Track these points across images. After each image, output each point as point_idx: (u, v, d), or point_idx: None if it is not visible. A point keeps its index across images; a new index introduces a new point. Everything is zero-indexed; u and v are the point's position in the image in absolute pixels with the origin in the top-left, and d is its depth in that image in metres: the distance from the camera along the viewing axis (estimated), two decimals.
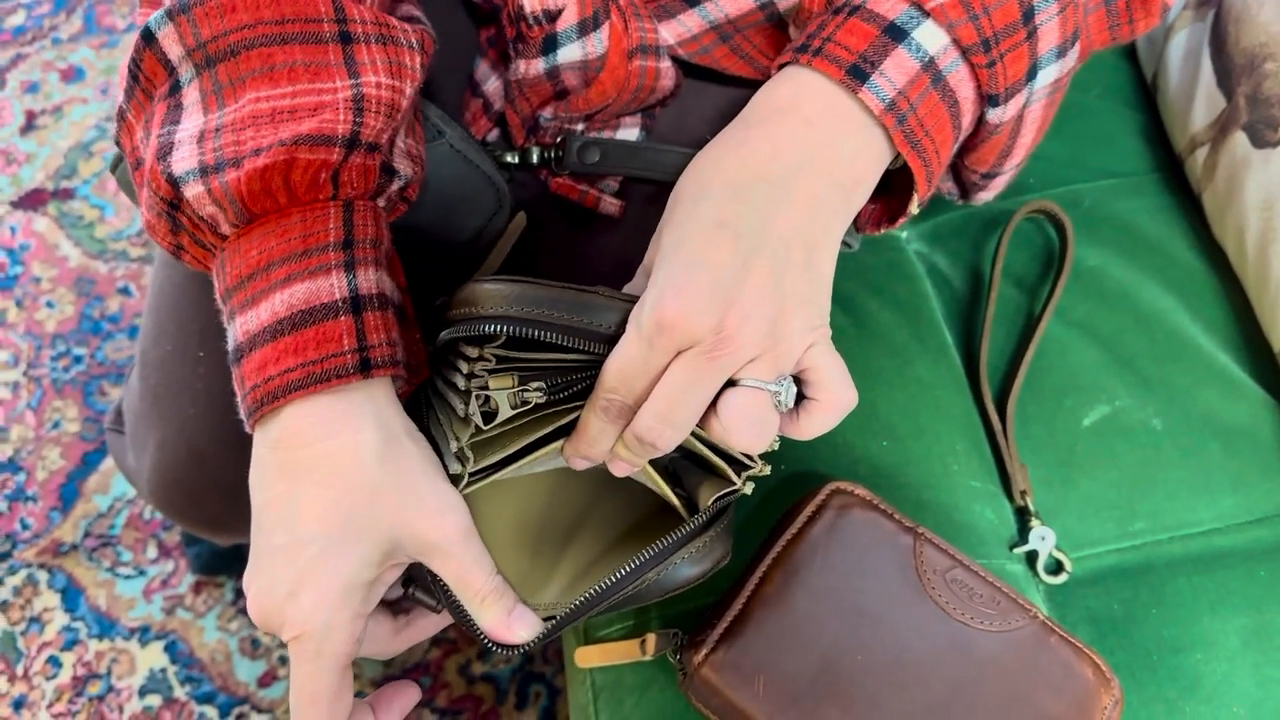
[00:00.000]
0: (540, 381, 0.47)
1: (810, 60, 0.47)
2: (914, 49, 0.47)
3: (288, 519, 0.45)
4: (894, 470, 0.67)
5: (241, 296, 0.45)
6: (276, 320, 0.44)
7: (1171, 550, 0.67)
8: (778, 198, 0.45)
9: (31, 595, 1.09)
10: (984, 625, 0.57)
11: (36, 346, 1.22)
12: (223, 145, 0.45)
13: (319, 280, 0.45)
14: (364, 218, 0.47)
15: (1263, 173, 0.68)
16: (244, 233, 0.46)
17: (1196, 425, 0.70)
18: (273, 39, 0.46)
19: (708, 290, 0.43)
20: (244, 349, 0.45)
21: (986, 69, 0.48)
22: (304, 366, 0.44)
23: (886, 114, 0.46)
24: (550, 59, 0.56)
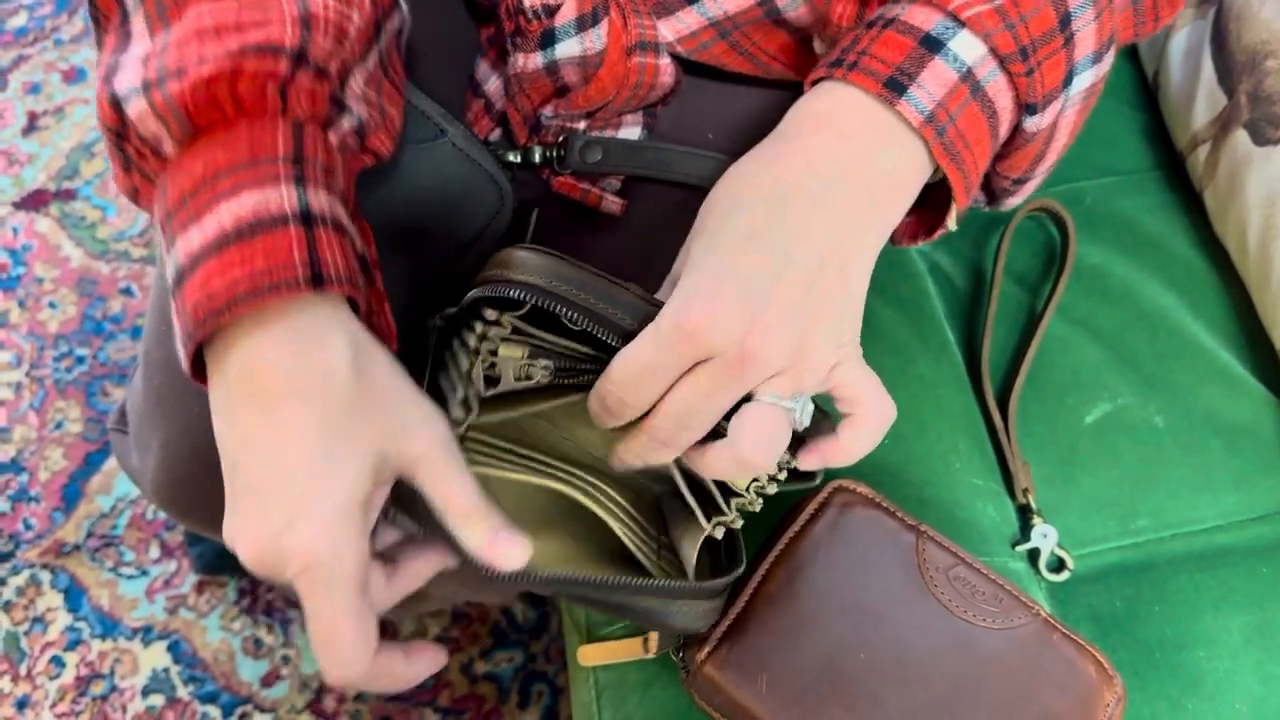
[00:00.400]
0: (549, 361, 0.47)
1: (845, 74, 0.47)
2: (951, 59, 0.46)
3: (266, 451, 0.42)
4: (896, 468, 0.67)
5: (184, 215, 0.42)
6: (223, 233, 0.41)
7: (1174, 547, 0.67)
8: (812, 211, 0.45)
9: (35, 595, 1.09)
10: (986, 623, 0.57)
11: (39, 347, 1.22)
12: (166, 61, 0.43)
13: (267, 190, 0.42)
14: (314, 140, 0.45)
15: (1264, 170, 0.68)
16: (187, 148, 0.43)
17: (1198, 423, 0.70)
18: None
19: (735, 301, 0.43)
20: (185, 271, 0.41)
21: (1025, 77, 0.47)
22: (251, 277, 0.40)
23: (926, 126, 0.46)
24: (548, 54, 0.56)
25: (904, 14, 0.48)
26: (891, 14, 0.48)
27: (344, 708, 1.05)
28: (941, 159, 0.46)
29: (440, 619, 1.09)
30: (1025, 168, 0.54)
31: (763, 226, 0.44)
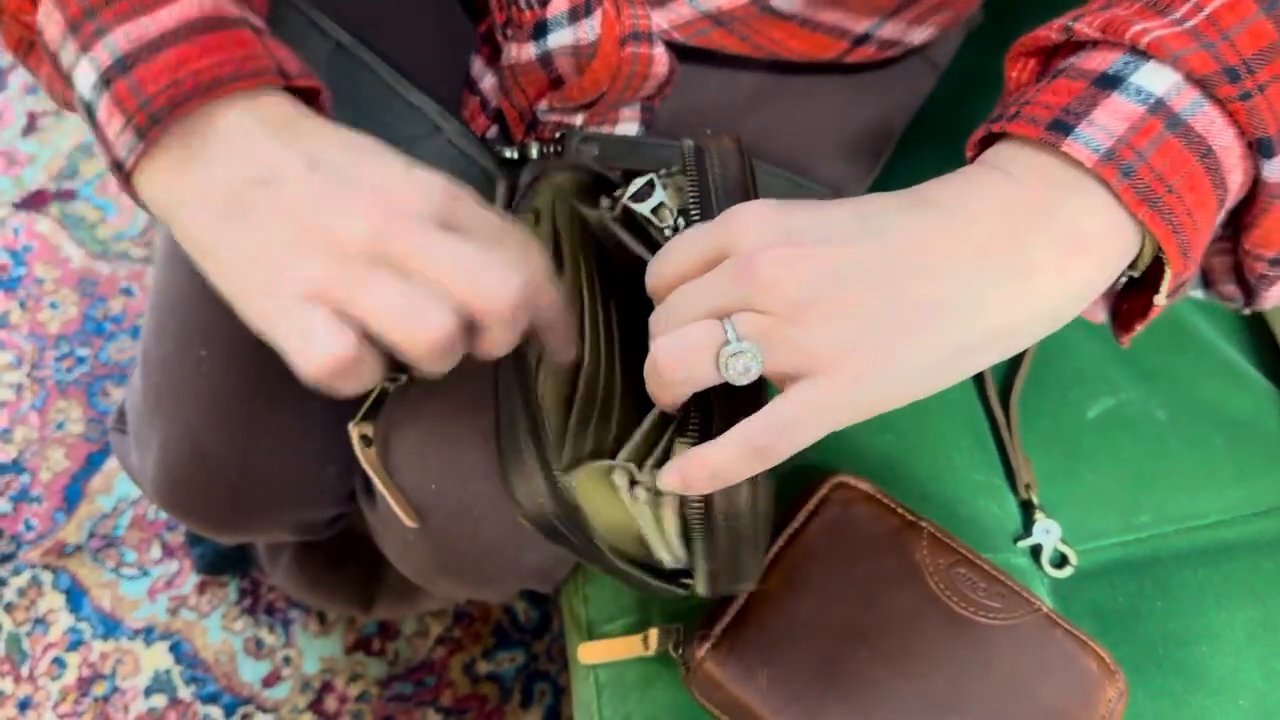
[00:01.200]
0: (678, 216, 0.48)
1: (1004, 125, 0.39)
2: (1133, 93, 0.38)
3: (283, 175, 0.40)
4: (898, 464, 0.66)
5: (125, 5, 0.41)
6: (190, 20, 0.40)
7: (1176, 543, 0.66)
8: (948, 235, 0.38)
9: (36, 596, 1.09)
10: (988, 618, 0.57)
11: (40, 348, 1.22)
12: None
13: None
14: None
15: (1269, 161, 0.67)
16: None
17: (1201, 417, 0.70)
18: None
19: (786, 224, 0.38)
20: (142, 52, 0.40)
21: (1240, 102, 0.37)
22: (233, 61, 0.40)
23: (1104, 165, 0.37)
24: (541, 44, 0.56)
25: (1080, 60, 0.40)
26: (1067, 63, 0.41)
27: (346, 708, 1.05)
28: (1135, 206, 0.37)
29: (442, 619, 1.09)
30: None
31: (900, 218, 0.38)
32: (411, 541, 0.65)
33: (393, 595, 0.96)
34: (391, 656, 1.08)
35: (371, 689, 1.06)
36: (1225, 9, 0.38)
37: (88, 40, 0.41)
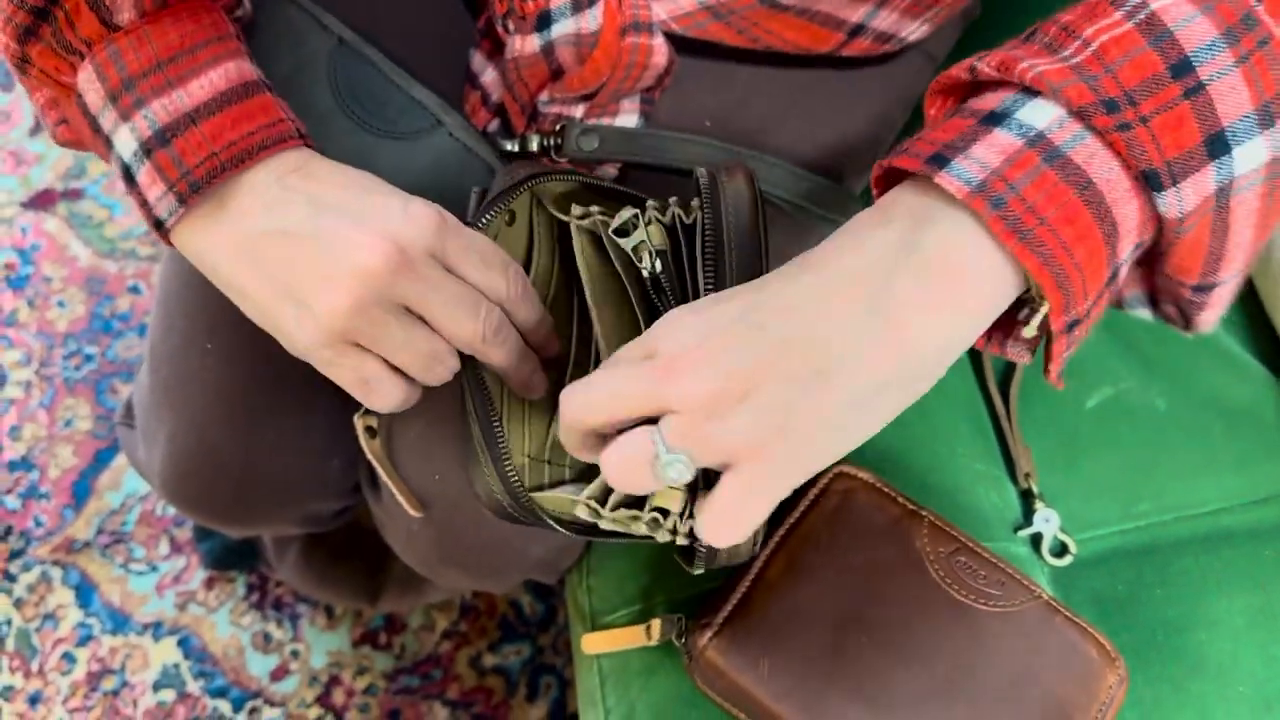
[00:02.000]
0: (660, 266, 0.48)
1: (890, 161, 0.40)
2: (1014, 127, 0.38)
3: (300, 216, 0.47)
4: (898, 454, 0.67)
5: (160, 78, 0.47)
6: (219, 93, 0.47)
7: (1176, 530, 0.67)
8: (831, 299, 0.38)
9: (45, 592, 1.10)
10: (988, 605, 0.57)
11: (48, 346, 1.22)
12: None
13: (238, 61, 0.48)
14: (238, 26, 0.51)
15: None
16: (152, 20, 0.47)
17: (1200, 406, 0.70)
18: None
19: (702, 326, 0.39)
20: (181, 124, 0.46)
21: (1119, 132, 0.37)
22: (261, 130, 0.47)
23: (974, 197, 0.37)
24: (544, 35, 0.56)
25: (975, 100, 0.41)
26: (968, 103, 0.41)
27: (353, 701, 1.06)
28: (1005, 237, 0.37)
29: (448, 612, 1.10)
30: (1200, 270, 0.41)
31: (777, 299, 0.39)
32: (416, 532, 0.65)
33: (398, 588, 0.97)
34: (398, 650, 1.08)
35: (378, 682, 1.07)
36: (1112, 43, 0.38)
37: (127, 110, 0.47)
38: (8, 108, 1.38)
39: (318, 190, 0.47)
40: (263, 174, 0.47)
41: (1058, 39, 0.39)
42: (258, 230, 0.47)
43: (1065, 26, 0.39)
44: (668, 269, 0.48)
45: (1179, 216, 0.38)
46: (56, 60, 0.48)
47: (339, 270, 0.46)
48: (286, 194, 0.47)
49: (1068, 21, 0.40)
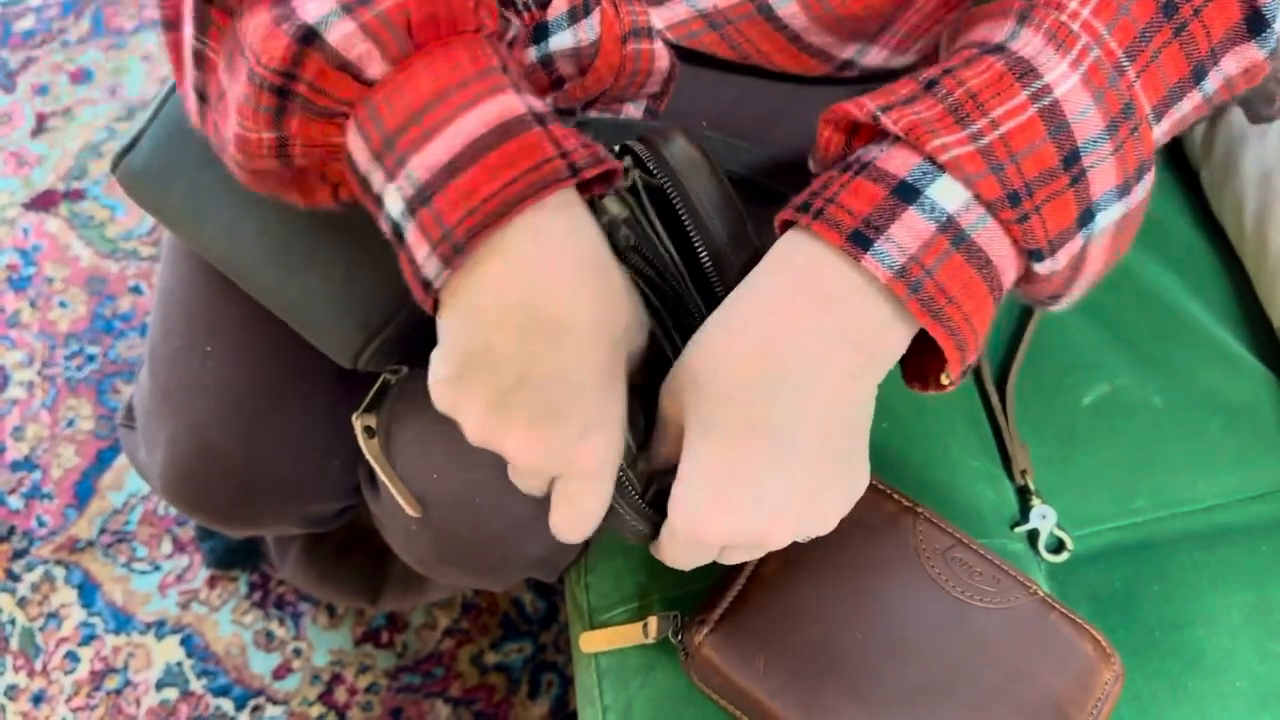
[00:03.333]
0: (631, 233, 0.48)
1: (810, 222, 0.43)
2: (927, 209, 0.41)
3: (557, 365, 0.43)
4: (895, 451, 0.67)
5: (415, 133, 0.42)
6: (473, 140, 0.41)
7: (1173, 527, 0.67)
8: (808, 395, 0.43)
9: (49, 591, 1.11)
10: (983, 602, 0.57)
11: (50, 346, 1.23)
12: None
13: (500, 98, 0.42)
14: (508, 51, 0.45)
15: (1259, 148, 0.69)
16: (403, 67, 0.42)
17: (1197, 402, 0.70)
18: None
19: (747, 506, 0.44)
20: (439, 180, 0.41)
21: (1018, 224, 0.42)
22: (523, 177, 0.41)
23: (895, 282, 0.41)
24: (542, 48, 0.56)
25: (879, 158, 0.43)
26: (868, 157, 0.44)
27: (355, 699, 1.06)
28: (921, 316, 0.42)
29: (450, 610, 1.10)
30: (1053, 291, 0.47)
31: (760, 417, 0.43)
32: (414, 532, 0.65)
33: (400, 586, 0.97)
34: (400, 648, 1.09)
35: (381, 680, 1.07)
36: (1017, 131, 0.41)
37: (392, 170, 0.43)
38: (8, 109, 1.38)
39: (541, 354, 0.43)
40: (528, 245, 0.43)
41: (964, 107, 0.42)
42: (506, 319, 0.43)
43: (973, 95, 0.42)
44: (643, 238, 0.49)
45: (1050, 273, 0.44)
46: (321, 125, 0.44)
47: (512, 445, 0.45)
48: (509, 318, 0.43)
49: (975, 89, 0.42)
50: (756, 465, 0.44)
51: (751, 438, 0.43)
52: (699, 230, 0.48)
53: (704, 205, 0.48)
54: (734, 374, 0.44)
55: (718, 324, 0.45)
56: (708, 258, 0.48)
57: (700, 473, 0.45)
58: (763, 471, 0.44)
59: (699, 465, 0.45)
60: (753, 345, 0.43)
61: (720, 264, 0.49)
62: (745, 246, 0.49)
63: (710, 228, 0.48)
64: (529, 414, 0.44)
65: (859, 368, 0.44)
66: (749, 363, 0.43)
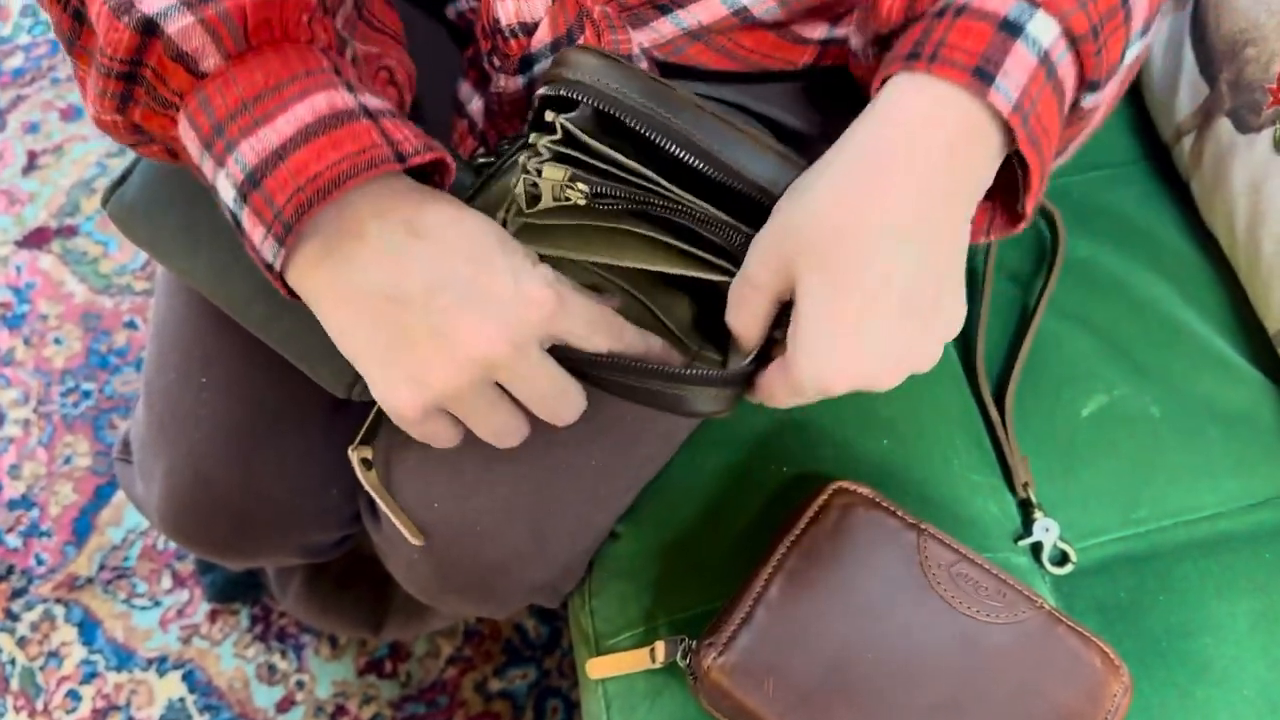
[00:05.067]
0: (586, 187, 0.48)
1: (929, 67, 0.45)
2: (1030, 43, 0.44)
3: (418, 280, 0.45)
4: (896, 468, 0.67)
5: (247, 119, 0.45)
6: (305, 126, 0.44)
7: (1176, 536, 0.67)
8: (931, 238, 0.45)
9: (49, 630, 1.10)
10: (990, 618, 0.57)
11: (46, 383, 1.22)
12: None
13: (330, 92, 0.45)
14: (341, 63, 0.48)
15: (1248, 157, 0.68)
16: (238, 62, 0.45)
17: (1195, 410, 0.70)
18: None
19: (879, 357, 0.46)
20: (267, 164, 0.44)
21: (1095, 57, 0.46)
22: (349, 158, 0.44)
23: (1013, 114, 0.44)
24: (527, 76, 0.57)
25: (977, 1, 0.46)
26: (960, 1, 0.46)
27: None
28: (1026, 148, 0.45)
29: (452, 638, 1.10)
30: (1060, 146, 0.51)
31: (890, 269, 0.44)
32: (416, 561, 0.65)
33: (402, 616, 0.96)
34: (404, 678, 1.08)
35: (385, 710, 1.06)
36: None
37: (220, 156, 0.45)
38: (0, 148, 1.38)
39: (432, 255, 0.46)
40: (371, 217, 0.46)
41: None
42: (370, 287, 0.45)
43: None
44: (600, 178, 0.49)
45: (1092, 109, 0.49)
46: (159, 119, 0.47)
47: (456, 357, 0.46)
48: (397, 252, 0.45)
49: None
50: (886, 316, 0.45)
51: (882, 290, 0.44)
52: (643, 123, 0.48)
53: (633, 97, 0.48)
54: (863, 230, 0.44)
55: (830, 184, 0.45)
56: (668, 140, 0.48)
57: (830, 328, 0.45)
58: (891, 321, 0.45)
59: (827, 321, 0.45)
60: (878, 200, 0.44)
61: (684, 140, 0.48)
62: (689, 107, 0.48)
63: (652, 114, 0.48)
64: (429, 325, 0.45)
65: (969, 206, 0.46)
66: (877, 218, 0.44)
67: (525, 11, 0.55)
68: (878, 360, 0.46)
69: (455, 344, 0.45)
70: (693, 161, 0.48)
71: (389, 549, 0.68)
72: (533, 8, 0.55)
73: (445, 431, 0.50)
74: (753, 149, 0.48)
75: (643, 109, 0.48)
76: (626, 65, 0.49)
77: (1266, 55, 0.67)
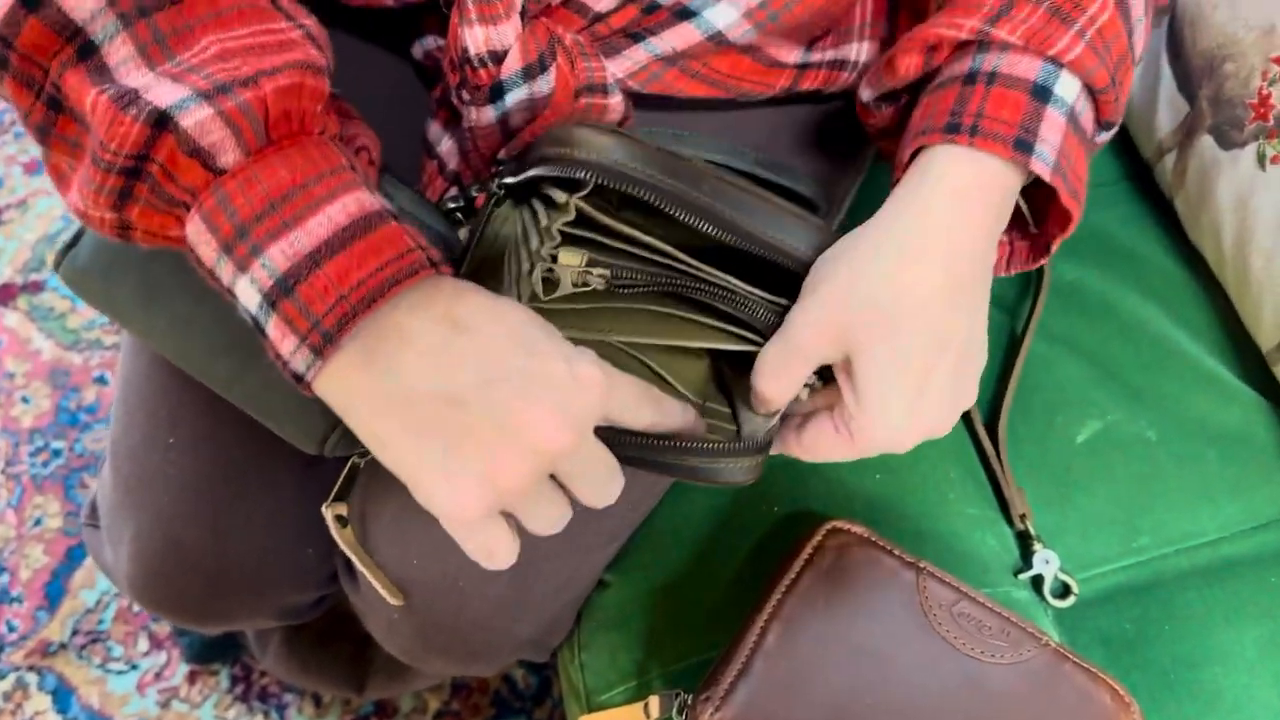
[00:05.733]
0: (605, 270, 0.48)
1: (971, 140, 0.47)
2: (1059, 105, 0.48)
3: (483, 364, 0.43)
4: (890, 503, 0.66)
5: (275, 220, 0.42)
6: (340, 229, 0.42)
7: (1179, 563, 0.66)
8: (977, 294, 0.49)
9: (22, 700, 1.06)
10: (995, 658, 0.55)
11: (14, 444, 1.20)
12: (214, 74, 0.42)
13: (357, 193, 0.43)
14: (349, 154, 0.46)
15: (1232, 173, 0.68)
16: (259, 158, 0.42)
17: (1191, 433, 0.69)
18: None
19: (941, 414, 0.48)
20: (303, 269, 0.41)
21: (1114, 103, 0.50)
22: (391, 264, 0.42)
23: (1055, 176, 0.47)
24: (499, 106, 0.56)
25: (1004, 66, 0.49)
26: (989, 67, 0.49)
27: None
28: (1068, 201, 0.48)
29: (439, 693, 1.07)
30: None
31: (949, 330, 0.47)
32: (396, 621, 0.63)
33: (384, 675, 0.94)
34: None
35: None
36: (1107, 25, 0.49)
37: (244, 260, 0.42)
38: None
39: (480, 347, 0.43)
40: (408, 316, 0.43)
41: (1064, 8, 0.49)
42: (420, 391, 0.42)
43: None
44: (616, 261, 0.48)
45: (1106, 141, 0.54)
46: (160, 217, 0.44)
47: (523, 450, 0.42)
48: (444, 350, 0.43)
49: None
50: (946, 371, 0.47)
51: (942, 350, 0.47)
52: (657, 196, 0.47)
53: (654, 174, 0.47)
54: (923, 295, 0.47)
55: (891, 254, 0.47)
56: (683, 212, 0.47)
57: (900, 391, 0.47)
58: (949, 374, 0.47)
59: (898, 385, 0.47)
60: (936, 266, 0.47)
61: (711, 214, 0.48)
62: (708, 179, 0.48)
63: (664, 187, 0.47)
64: (492, 421, 0.42)
65: (996, 246, 0.50)
66: (937, 283, 0.47)
67: (495, 40, 0.54)
68: (941, 412, 0.48)
69: (522, 436, 0.42)
70: (724, 236, 0.48)
71: (368, 610, 0.66)
72: (502, 35, 0.54)
73: (505, 539, 0.45)
74: (776, 215, 0.48)
75: (667, 187, 0.47)
76: (637, 140, 0.48)
77: (1245, 70, 0.67)
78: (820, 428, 0.50)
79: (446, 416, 0.42)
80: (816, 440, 0.51)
